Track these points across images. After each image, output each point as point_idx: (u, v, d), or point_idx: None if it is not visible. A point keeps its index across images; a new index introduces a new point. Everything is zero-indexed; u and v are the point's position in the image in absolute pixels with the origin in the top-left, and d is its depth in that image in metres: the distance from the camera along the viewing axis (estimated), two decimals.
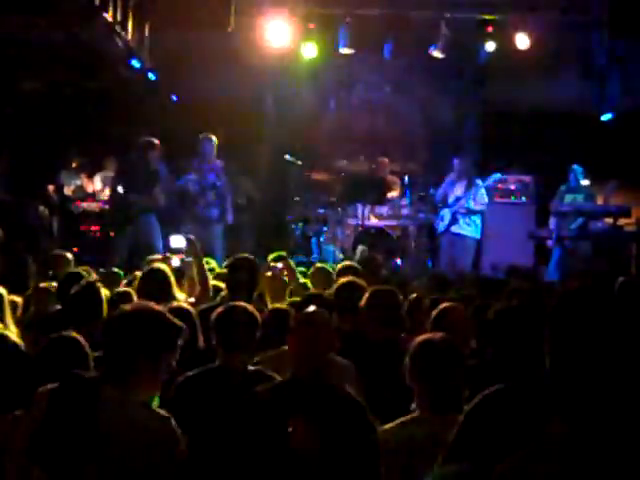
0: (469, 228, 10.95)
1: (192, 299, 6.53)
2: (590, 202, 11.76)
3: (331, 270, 7.92)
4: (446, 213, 11.60)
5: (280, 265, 7.08)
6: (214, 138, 11.31)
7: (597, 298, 2.33)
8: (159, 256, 8.08)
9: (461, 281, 7.99)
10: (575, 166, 12.17)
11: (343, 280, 6.21)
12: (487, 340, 4.22)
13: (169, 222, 11.78)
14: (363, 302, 5.44)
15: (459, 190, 11.06)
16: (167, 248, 10.51)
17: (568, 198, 11.88)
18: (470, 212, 10.99)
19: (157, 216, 10.68)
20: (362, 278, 6.37)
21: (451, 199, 11.34)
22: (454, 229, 11.08)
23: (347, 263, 8.16)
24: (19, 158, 12.65)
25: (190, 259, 7.18)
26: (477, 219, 11.04)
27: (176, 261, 7.40)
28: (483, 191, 11.05)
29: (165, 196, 10.90)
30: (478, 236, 11.05)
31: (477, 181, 10.97)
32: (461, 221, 11.01)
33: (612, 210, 10.79)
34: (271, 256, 7.70)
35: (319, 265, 8.34)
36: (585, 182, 12.22)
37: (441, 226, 11.41)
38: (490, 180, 12.16)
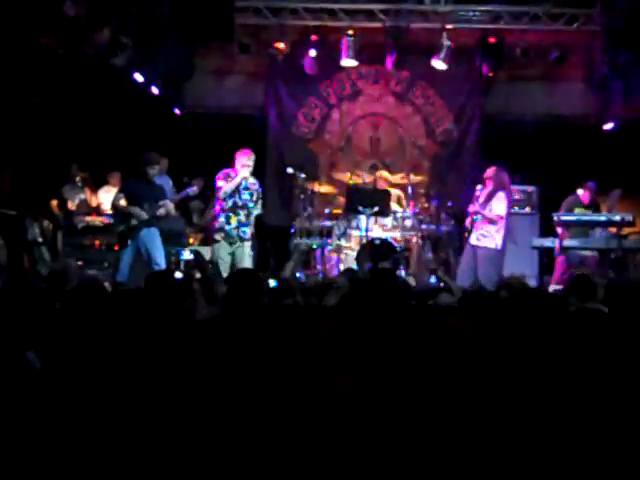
0: (485, 239, 10.83)
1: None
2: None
3: None
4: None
5: None
6: (252, 154, 11.04)
7: None
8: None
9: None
10: (590, 183, 12.10)
11: None
12: None
13: (174, 236, 11.81)
14: None
15: (480, 199, 10.95)
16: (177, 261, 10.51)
17: (578, 212, 11.84)
18: (486, 222, 10.85)
19: (160, 230, 10.65)
20: None
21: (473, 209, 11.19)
22: (472, 241, 10.96)
23: None
24: (22, 173, 12.65)
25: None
26: (492, 230, 10.87)
27: (178, 275, 7.41)
28: (502, 205, 10.89)
29: (169, 209, 10.86)
30: (496, 247, 10.88)
31: (500, 194, 10.84)
32: (478, 232, 10.89)
33: (616, 220, 10.76)
34: None
35: None
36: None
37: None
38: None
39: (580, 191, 12.14)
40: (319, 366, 3.44)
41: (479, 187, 11.02)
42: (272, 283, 7.19)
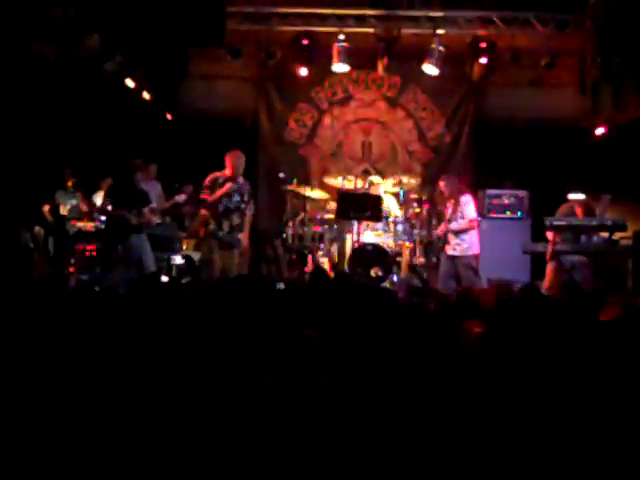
0: (460, 247, 10.96)
1: None
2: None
3: None
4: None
5: None
6: (242, 155, 10.89)
7: None
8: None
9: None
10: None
11: None
12: None
13: (166, 241, 11.79)
14: None
15: (448, 211, 11.09)
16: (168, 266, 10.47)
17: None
18: (459, 232, 10.99)
19: (152, 235, 10.64)
20: None
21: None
22: (448, 251, 11.09)
23: None
24: (13, 178, 12.63)
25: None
26: (467, 236, 11.02)
27: (164, 278, 7.45)
28: (470, 207, 11.04)
29: (158, 215, 10.84)
30: (472, 252, 11.00)
31: (463, 199, 10.96)
32: (452, 242, 11.03)
33: (608, 224, 10.77)
34: None
35: None
36: (579, 196, 12.20)
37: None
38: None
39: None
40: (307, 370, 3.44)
41: (448, 205, 11.17)
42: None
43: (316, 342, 3.87)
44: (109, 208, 10.42)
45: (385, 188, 13.04)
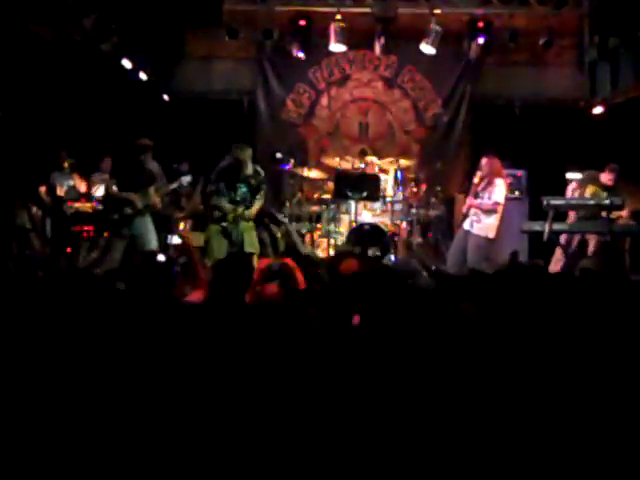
0: (477, 225, 10.85)
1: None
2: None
3: None
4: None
5: None
6: (249, 149, 10.74)
7: None
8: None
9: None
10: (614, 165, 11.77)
11: None
12: None
13: (164, 221, 11.76)
14: None
15: (479, 188, 10.96)
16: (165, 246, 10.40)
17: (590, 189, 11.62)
18: (482, 211, 10.87)
19: (152, 216, 10.61)
20: None
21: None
22: (465, 225, 11.00)
23: None
24: (10, 159, 12.60)
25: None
26: (488, 218, 10.89)
27: (161, 257, 7.41)
28: (501, 190, 10.90)
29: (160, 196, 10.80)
30: (487, 236, 10.90)
31: (497, 180, 10.85)
32: (472, 218, 10.92)
33: (605, 204, 10.75)
34: None
35: None
36: (578, 176, 12.19)
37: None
38: None
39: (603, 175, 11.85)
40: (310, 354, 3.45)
41: (476, 179, 11.03)
42: None
43: (318, 321, 3.89)
44: (114, 189, 10.36)
45: (382, 167, 13.02)
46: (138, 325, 3.96)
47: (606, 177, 11.48)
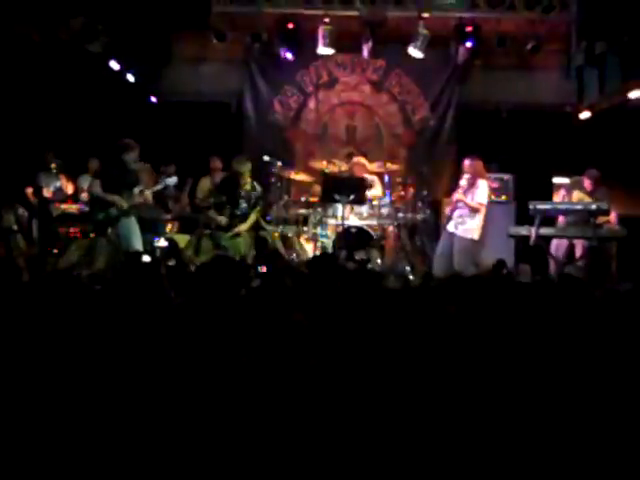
0: (462, 227, 10.87)
1: None
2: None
3: None
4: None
5: None
6: (249, 162, 10.96)
7: None
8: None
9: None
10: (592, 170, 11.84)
11: None
12: None
13: (151, 223, 11.72)
14: None
15: (461, 190, 10.98)
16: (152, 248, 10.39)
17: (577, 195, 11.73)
18: (466, 212, 10.88)
19: (138, 218, 10.58)
20: None
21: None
22: (449, 228, 11.02)
23: None
24: None
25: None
26: (472, 220, 10.90)
27: (146, 258, 7.42)
28: (483, 192, 10.93)
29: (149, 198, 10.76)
30: (472, 238, 10.91)
31: (480, 182, 10.88)
32: (456, 220, 10.94)
33: (592, 209, 10.78)
34: None
35: None
36: (564, 180, 12.24)
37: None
38: None
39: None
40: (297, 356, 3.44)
41: (463, 181, 11.05)
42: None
43: (304, 326, 3.88)
44: (98, 190, 10.31)
45: (369, 170, 13.02)
46: (122, 326, 3.96)
47: (585, 183, 11.61)
